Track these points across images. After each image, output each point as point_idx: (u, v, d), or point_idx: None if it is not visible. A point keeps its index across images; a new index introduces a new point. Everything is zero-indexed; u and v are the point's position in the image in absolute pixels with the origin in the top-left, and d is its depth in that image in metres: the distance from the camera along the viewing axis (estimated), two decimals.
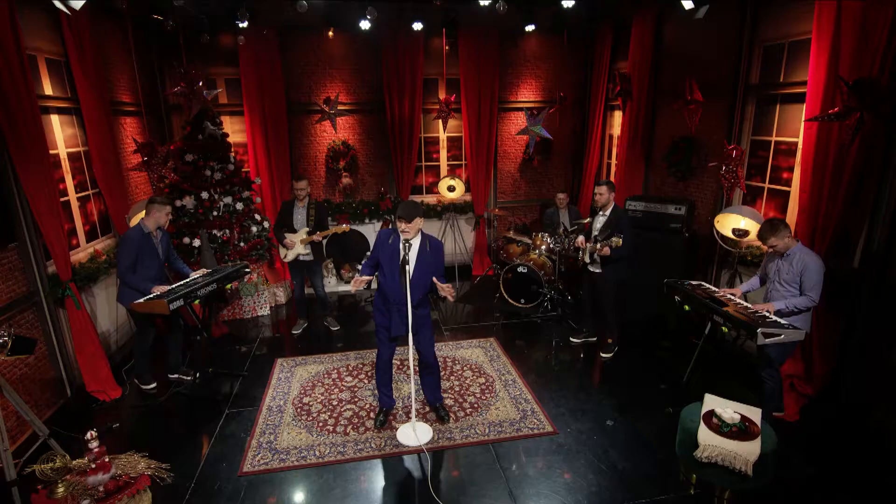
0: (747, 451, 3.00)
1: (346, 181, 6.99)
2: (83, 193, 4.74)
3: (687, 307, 3.83)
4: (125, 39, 5.51)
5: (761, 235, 3.48)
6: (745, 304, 3.60)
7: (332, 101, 6.46)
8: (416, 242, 3.48)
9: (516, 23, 6.45)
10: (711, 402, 3.38)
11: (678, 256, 5.00)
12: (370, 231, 7.36)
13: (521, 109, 7.37)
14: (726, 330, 3.42)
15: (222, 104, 6.67)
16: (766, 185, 4.67)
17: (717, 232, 4.51)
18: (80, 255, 4.55)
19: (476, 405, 4.15)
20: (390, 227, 7.01)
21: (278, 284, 6.55)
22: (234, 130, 6.73)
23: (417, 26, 6.16)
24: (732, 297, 3.69)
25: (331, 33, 6.15)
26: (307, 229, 5.30)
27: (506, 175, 7.76)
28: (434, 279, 3.56)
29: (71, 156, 4.58)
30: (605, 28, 6.71)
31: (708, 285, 3.98)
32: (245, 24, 5.35)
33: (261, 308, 6.17)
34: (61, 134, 4.45)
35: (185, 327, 4.83)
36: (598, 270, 4.79)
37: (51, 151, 4.20)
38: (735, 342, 4.80)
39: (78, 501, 2.57)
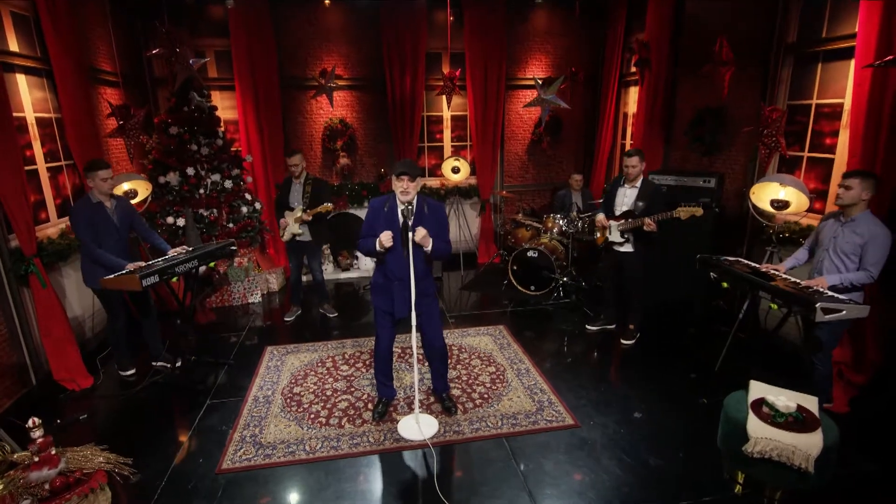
0: (808, 445, 2.56)
1: (343, 161, 6.58)
2: (54, 164, 4.32)
3: (725, 284, 3.40)
4: (102, 6, 5.10)
5: (847, 175, 3.01)
6: (793, 279, 3.17)
7: (329, 73, 6.04)
8: (413, 206, 3.05)
9: None
10: (759, 389, 2.94)
11: (706, 233, 4.56)
12: None
13: (529, 87, 6.96)
14: (775, 307, 2.99)
15: (212, 78, 6.26)
16: (806, 154, 4.24)
17: (753, 205, 4.08)
18: (50, 230, 4.13)
19: (486, 396, 3.72)
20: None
21: (271, 271, 6.13)
22: (225, 107, 6.32)
23: None
24: (777, 272, 3.26)
25: (327, 1, 5.73)
26: (302, 207, 4.88)
27: (513, 157, 7.33)
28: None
29: (41, 122, 4.17)
30: (620, 1, 6.29)
31: (746, 261, 3.55)
32: None
33: (252, 295, 5.75)
34: (29, 96, 4.03)
35: (161, 312, 4.40)
36: (627, 249, 4.36)
37: (15, 114, 3.79)
38: (771, 329, 4.36)
39: (17, 501, 2.15)
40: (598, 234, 4.57)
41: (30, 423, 2.23)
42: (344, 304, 5.59)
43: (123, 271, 3.49)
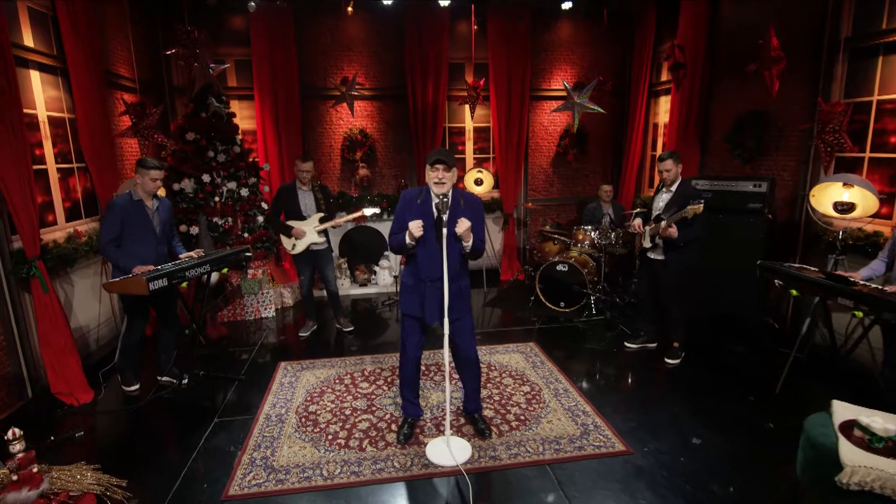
0: None
1: (363, 172, 6.36)
2: (65, 165, 4.14)
3: (794, 291, 3.04)
4: (122, 10, 5.03)
5: None
6: (874, 285, 2.80)
7: (350, 81, 5.89)
8: (448, 198, 2.76)
9: (550, 2, 5.93)
10: (845, 410, 2.54)
11: (758, 241, 4.19)
12: (388, 229, 6.65)
13: (554, 98, 6.75)
14: (860, 315, 2.63)
15: (231, 87, 6.15)
16: (867, 154, 3.90)
17: (812, 209, 3.72)
18: (58, 234, 3.91)
19: (522, 417, 3.34)
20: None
21: (286, 285, 5.85)
22: (244, 116, 6.18)
23: (444, 2, 5.65)
24: (854, 279, 2.89)
25: (350, 9, 5.62)
26: (320, 214, 4.62)
27: (537, 171, 7.07)
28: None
29: (53, 121, 4.00)
30: (648, 7, 6.10)
31: (813, 268, 3.19)
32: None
33: (265, 309, 5.46)
34: (41, 93, 3.88)
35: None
36: (659, 257, 4.02)
37: (27, 110, 3.63)
38: (837, 348, 3.94)
39: None
40: (637, 241, 4.26)
41: (9, 434, 1.93)
42: (361, 322, 5.24)
43: (130, 275, 3.23)
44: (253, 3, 4.90)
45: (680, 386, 3.80)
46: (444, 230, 2.65)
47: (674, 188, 3.94)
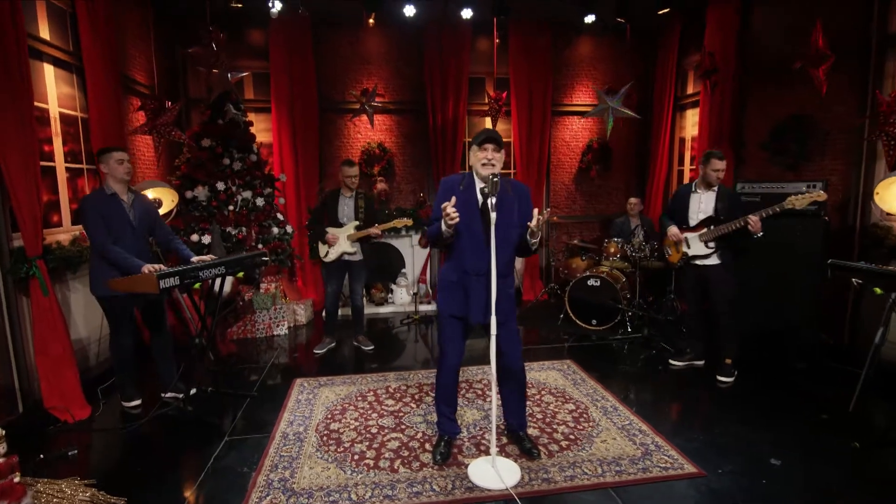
0: None
1: (381, 186, 6.15)
2: (75, 165, 3.92)
3: (878, 290, 2.73)
4: (146, 16, 4.95)
5: None
6: None
7: (371, 92, 5.75)
8: (497, 180, 2.48)
9: (572, 16, 5.86)
10: None
11: (815, 246, 3.88)
12: (406, 245, 6.40)
13: (576, 113, 6.62)
14: None
15: (248, 100, 6.01)
16: None
17: (879, 210, 3.44)
18: (62, 236, 3.64)
19: (572, 437, 2.96)
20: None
21: (299, 302, 5.53)
22: (260, 129, 6.02)
23: (467, 13, 5.58)
24: None
25: (371, 21, 5.54)
26: (356, 223, 4.36)
27: (559, 187, 6.85)
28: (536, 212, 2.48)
29: (65, 118, 3.81)
30: (672, 20, 6.02)
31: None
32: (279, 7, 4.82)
33: (278, 326, 5.12)
34: (55, 88, 3.70)
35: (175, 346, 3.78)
36: (713, 262, 3.71)
37: (38, 104, 3.43)
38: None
39: None
40: (671, 252, 3.95)
41: None
42: (379, 342, 4.84)
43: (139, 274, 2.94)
44: (275, 10, 4.79)
45: (741, 404, 3.42)
46: (494, 215, 2.36)
47: (714, 188, 3.69)
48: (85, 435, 3.06)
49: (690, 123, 6.23)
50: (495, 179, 2.34)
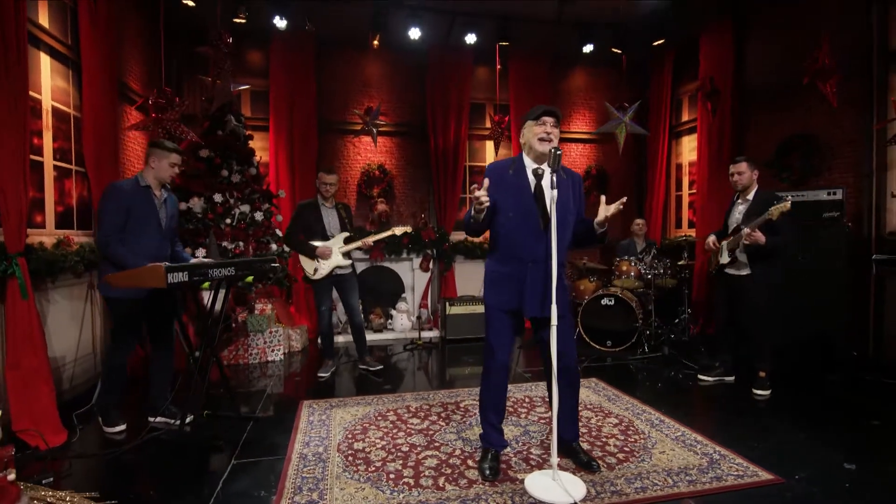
0: None
1: (381, 207, 5.94)
2: (64, 164, 3.58)
3: None
4: (143, 30, 4.78)
5: None
6: None
7: (374, 110, 5.65)
8: (546, 169, 2.34)
9: (570, 46, 6.03)
10: None
11: (838, 253, 3.86)
12: (406, 269, 6.13)
13: (575, 140, 6.70)
14: None
15: (246, 117, 5.79)
16: None
17: None
18: (45, 238, 3.25)
19: (627, 449, 2.68)
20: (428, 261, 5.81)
21: (294, 328, 5.13)
22: (257, 147, 5.73)
23: (471, 38, 5.67)
24: None
25: (375, 42, 5.53)
26: (346, 234, 4.12)
27: None
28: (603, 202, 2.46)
29: (57, 113, 3.50)
30: (666, 49, 6.26)
31: None
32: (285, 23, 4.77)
33: (272, 351, 4.69)
34: (49, 80, 3.42)
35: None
36: (742, 272, 3.62)
37: (31, 93, 3.14)
38: None
39: None
40: (713, 260, 3.87)
41: None
42: (383, 367, 4.47)
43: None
44: (282, 24, 4.72)
45: (788, 414, 3.23)
46: (554, 192, 2.19)
47: (750, 196, 3.67)
48: (61, 463, 2.58)
49: (687, 149, 6.37)
50: (558, 153, 2.19)
